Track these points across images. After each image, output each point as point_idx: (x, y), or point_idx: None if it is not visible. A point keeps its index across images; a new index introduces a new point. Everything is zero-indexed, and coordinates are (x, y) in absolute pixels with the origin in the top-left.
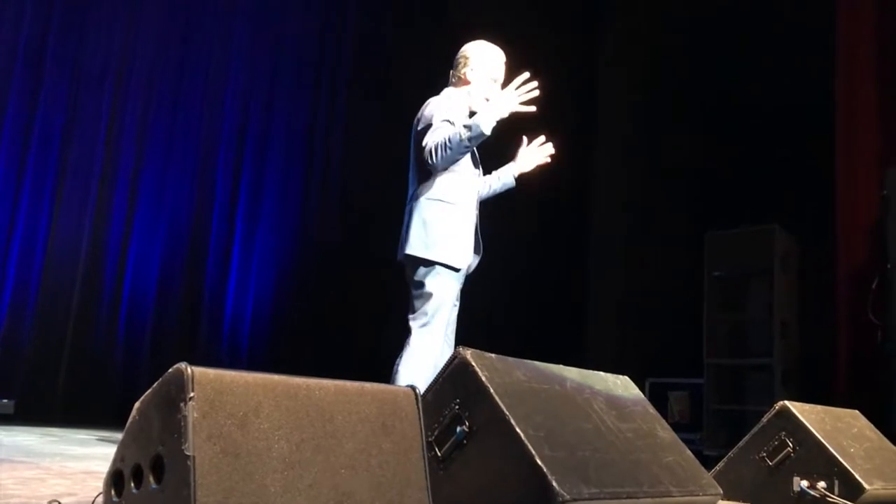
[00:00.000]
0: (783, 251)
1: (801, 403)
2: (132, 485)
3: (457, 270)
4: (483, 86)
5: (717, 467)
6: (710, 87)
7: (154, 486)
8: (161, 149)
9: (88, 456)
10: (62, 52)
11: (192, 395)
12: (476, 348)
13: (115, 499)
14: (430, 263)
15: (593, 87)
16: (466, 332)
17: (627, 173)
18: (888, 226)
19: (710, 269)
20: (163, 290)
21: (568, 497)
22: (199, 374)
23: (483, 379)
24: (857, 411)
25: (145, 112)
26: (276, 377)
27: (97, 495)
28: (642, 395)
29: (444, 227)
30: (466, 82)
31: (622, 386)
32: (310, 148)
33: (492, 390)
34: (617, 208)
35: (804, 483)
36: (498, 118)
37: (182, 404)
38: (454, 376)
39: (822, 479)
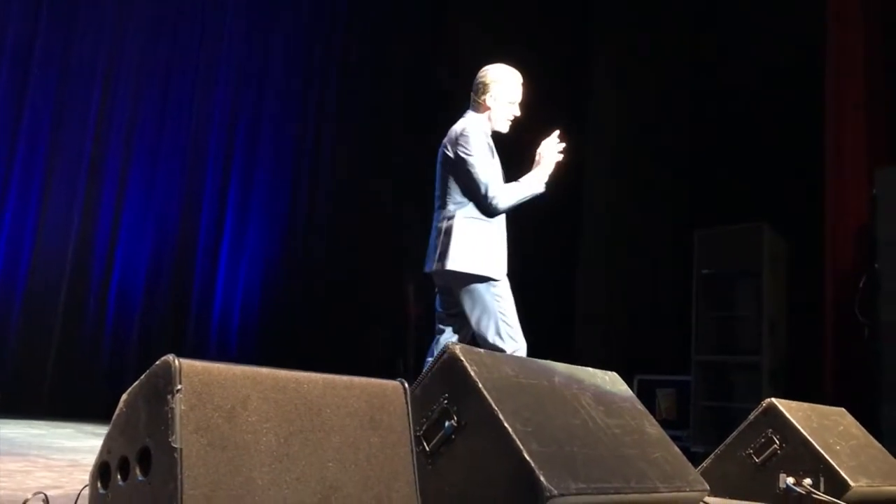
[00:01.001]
0: (772, 250)
1: (787, 401)
2: (119, 477)
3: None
4: (503, 111)
5: (704, 464)
6: (701, 87)
7: (141, 478)
8: (150, 144)
9: (75, 448)
10: (50, 49)
11: (179, 387)
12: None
13: (101, 491)
14: (482, 279)
15: (584, 87)
16: None
17: (618, 172)
18: (876, 225)
19: (699, 268)
20: (151, 284)
21: (555, 492)
22: (187, 366)
23: (472, 374)
24: (843, 409)
25: (134, 108)
26: (264, 370)
27: (83, 487)
28: (630, 392)
29: (489, 243)
30: (487, 108)
31: (610, 382)
32: (300, 143)
33: (480, 385)
34: (607, 206)
35: (790, 480)
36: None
37: (169, 396)
38: (443, 371)
39: (808, 476)
